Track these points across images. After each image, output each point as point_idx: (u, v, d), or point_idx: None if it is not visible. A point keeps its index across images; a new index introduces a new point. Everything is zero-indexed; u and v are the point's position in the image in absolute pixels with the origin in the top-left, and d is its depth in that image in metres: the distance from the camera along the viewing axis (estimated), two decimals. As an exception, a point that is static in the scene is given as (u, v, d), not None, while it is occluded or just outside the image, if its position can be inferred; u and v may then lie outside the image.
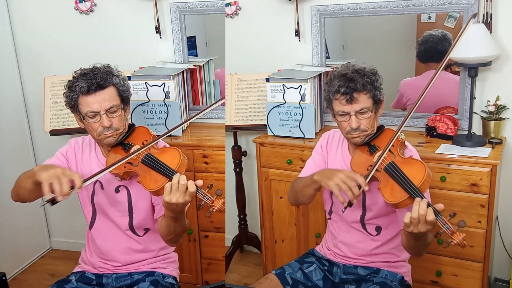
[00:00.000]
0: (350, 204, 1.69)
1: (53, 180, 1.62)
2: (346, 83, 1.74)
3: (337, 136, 2.02)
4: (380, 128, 1.87)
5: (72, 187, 1.64)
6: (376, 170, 1.74)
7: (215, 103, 1.93)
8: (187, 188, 1.64)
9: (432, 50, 2.53)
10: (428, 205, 1.58)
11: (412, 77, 2.65)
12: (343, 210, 1.73)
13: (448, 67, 2.53)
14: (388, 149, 1.75)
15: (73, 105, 1.84)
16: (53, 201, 1.64)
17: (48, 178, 1.62)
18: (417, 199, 1.60)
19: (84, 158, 1.97)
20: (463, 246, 1.56)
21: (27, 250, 3.28)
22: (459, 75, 2.45)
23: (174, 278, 2.04)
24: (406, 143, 1.87)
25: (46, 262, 3.33)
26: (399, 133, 1.78)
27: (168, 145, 1.95)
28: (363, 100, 1.76)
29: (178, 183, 1.63)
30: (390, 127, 1.89)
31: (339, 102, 1.77)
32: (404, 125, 1.80)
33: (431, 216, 1.54)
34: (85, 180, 1.71)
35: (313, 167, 2.01)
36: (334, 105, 1.80)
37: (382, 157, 1.73)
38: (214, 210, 1.66)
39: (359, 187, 1.67)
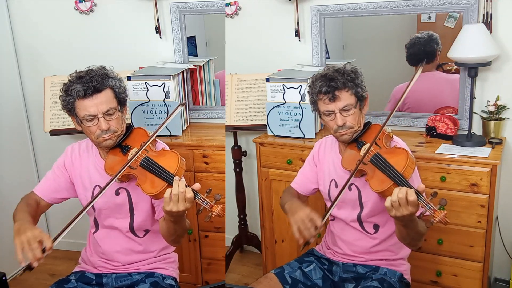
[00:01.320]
0: (307, 243, 1.73)
1: (24, 246, 1.65)
2: (327, 83, 1.79)
3: (329, 141, 2.05)
4: (367, 125, 1.90)
5: (44, 250, 1.66)
6: (363, 163, 1.77)
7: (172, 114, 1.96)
8: (185, 195, 1.64)
9: (421, 53, 2.54)
10: (409, 186, 1.61)
11: (405, 83, 2.65)
12: (302, 248, 1.77)
13: (439, 67, 2.54)
14: (374, 142, 1.78)
15: (70, 108, 1.83)
16: (30, 268, 1.66)
17: (19, 244, 1.67)
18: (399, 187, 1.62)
19: (83, 164, 1.97)
20: (445, 223, 1.58)
21: (27, 250, 3.28)
22: (451, 73, 2.46)
23: (174, 279, 2.04)
24: (395, 137, 1.90)
25: (46, 262, 3.28)
26: (385, 127, 1.81)
27: (167, 147, 1.95)
28: (346, 97, 1.80)
29: (178, 192, 1.63)
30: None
31: (323, 102, 1.82)
32: (389, 119, 1.85)
33: (412, 196, 1.56)
34: (55, 238, 1.71)
35: (302, 177, 2.11)
36: (319, 105, 1.85)
37: (368, 150, 1.77)
38: (213, 215, 1.66)
39: (316, 228, 1.72)
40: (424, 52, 2.53)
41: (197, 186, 1.67)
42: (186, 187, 1.65)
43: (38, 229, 1.72)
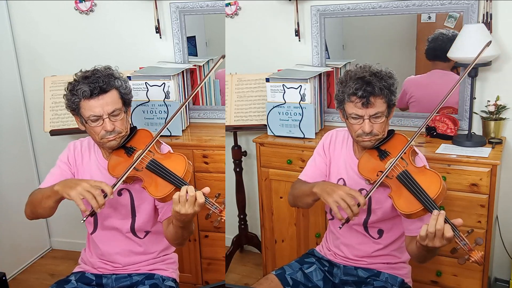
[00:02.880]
0: (347, 221, 1.68)
1: (86, 195, 1.64)
2: (363, 86, 1.70)
3: (340, 136, 1.99)
4: (391, 133, 1.84)
5: (105, 195, 1.66)
6: (388, 177, 1.71)
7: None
8: (196, 199, 1.63)
9: (441, 49, 2.47)
10: (446, 220, 1.53)
11: (417, 75, 2.65)
12: (340, 226, 1.71)
13: (454, 68, 2.51)
14: (400, 156, 1.72)
15: (74, 108, 1.82)
16: (93, 214, 1.69)
17: (78, 194, 1.65)
18: (435, 212, 1.56)
19: (84, 162, 1.96)
20: (481, 264, 1.52)
21: (27, 250, 3.28)
22: (466, 76, 2.45)
23: (174, 280, 2.03)
24: (416, 149, 1.84)
25: (46, 262, 3.33)
26: (412, 141, 1.75)
27: (172, 150, 1.93)
28: (379, 105, 1.73)
29: (186, 194, 1.62)
30: (398, 130, 1.88)
31: (354, 105, 1.74)
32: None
33: (449, 233, 1.51)
34: (114, 185, 1.73)
35: (314, 169, 2.00)
36: (347, 107, 1.77)
37: (393, 164, 1.71)
38: (222, 220, 1.66)
39: (358, 205, 1.66)
40: (444, 49, 2.45)
41: (207, 189, 1.65)
42: (195, 191, 1.64)
43: (91, 180, 1.74)
